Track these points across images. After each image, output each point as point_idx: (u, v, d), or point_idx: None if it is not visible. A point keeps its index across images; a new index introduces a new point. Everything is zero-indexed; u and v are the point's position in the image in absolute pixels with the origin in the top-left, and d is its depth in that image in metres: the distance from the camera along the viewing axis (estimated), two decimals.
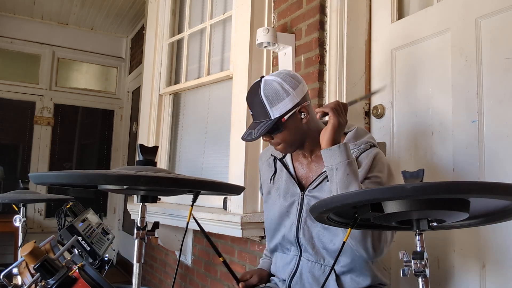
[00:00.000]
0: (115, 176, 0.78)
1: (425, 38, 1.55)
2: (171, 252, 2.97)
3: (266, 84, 1.19)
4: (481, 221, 0.86)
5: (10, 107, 4.44)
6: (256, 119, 1.22)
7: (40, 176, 0.81)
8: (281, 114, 1.17)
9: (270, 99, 1.17)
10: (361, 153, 1.20)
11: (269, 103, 1.17)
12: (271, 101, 1.17)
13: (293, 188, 1.30)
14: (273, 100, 1.17)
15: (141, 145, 0.97)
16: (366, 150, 1.21)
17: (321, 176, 1.24)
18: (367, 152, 1.20)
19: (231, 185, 1.11)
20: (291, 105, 1.18)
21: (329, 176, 1.11)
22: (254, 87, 1.22)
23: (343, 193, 1.02)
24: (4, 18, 4.38)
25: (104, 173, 0.79)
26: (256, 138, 1.19)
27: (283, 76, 1.20)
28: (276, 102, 1.17)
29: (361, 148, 1.21)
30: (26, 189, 1.95)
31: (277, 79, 1.19)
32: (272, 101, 1.17)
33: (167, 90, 2.68)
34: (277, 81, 1.18)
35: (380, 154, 1.21)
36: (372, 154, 1.19)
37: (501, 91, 1.31)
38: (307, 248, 1.25)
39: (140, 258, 0.92)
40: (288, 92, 1.17)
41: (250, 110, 1.24)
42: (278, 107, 1.17)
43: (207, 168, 2.40)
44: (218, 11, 2.42)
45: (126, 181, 0.78)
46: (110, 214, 4.92)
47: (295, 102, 1.18)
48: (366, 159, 1.19)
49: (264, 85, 1.19)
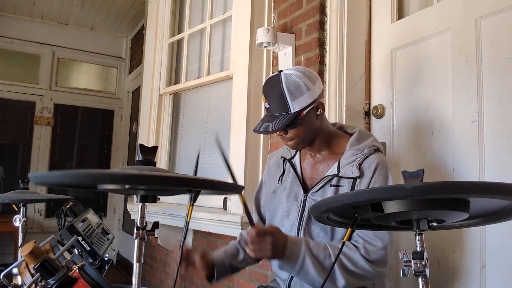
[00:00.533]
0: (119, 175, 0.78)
1: (425, 38, 1.55)
2: (171, 252, 2.97)
3: (287, 77, 1.17)
4: (481, 221, 0.86)
5: (10, 107, 4.44)
6: (272, 112, 1.20)
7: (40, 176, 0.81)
8: (301, 109, 1.17)
9: (292, 92, 1.16)
10: (364, 159, 1.20)
11: (290, 96, 1.16)
12: (293, 95, 1.16)
13: (297, 189, 1.30)
14: (295, 93, 1.16)
15: (141, 145, 0.97)
16: (370, 155, 1.20)
17: (324, 180, 1.23)
18: (370, 159, 1.19)
19: (231, 185, 1.11)
20: (310, 100, 1.18)
21: None
22: (273, 79, 1.20)
23: (343, 193, 1.02)
24: (4, 18, 4.38)
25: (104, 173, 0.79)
26: (274, 131, 1.18)
27: (302, 71, 1.20)
28: (297, 95, 1.16)
29: (364, 153, 1.20)
30: (26, 189, 1.95)
31: (297, 73, 1.18)
32: (294, 94, 1.16)
33: (167, 90, 2.68)
34: (298, 75, 1.17)
35: (382, 162, 1.20)
36: (375, 163, 1.18)
37: (501, 91, 1.31)
38: None
39: (140, 258, 0.91)
40: (308, 87, 1.17)
41: (266, 103, 1.21)
42: (299, 101, 1.16)
43: (207, 168, 2.40)
44: (218, 11, 2.42)
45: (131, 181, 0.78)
46: (110, 214, 4.92)
47: (314, 98, 1.19)
48: (368, 169, 1.18)
49: (286, 78, 1.17)
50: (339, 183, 1.21)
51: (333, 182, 1.22)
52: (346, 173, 1.20)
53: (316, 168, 1.30)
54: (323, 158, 1.29)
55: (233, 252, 1.34)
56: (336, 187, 1.21)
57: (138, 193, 0.94)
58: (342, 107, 1.69)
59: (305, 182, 1.31)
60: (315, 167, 1.30)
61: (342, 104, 1.69)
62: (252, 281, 2.02)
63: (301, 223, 1.26)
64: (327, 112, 1.71)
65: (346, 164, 1.21)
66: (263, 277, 1.93)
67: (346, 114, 1.68)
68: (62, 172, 0.75)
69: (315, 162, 1.31)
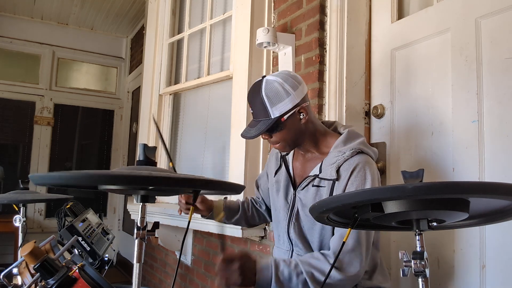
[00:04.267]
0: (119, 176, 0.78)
1: (425, 38, 1.55)
2: (171, 252, 2.97)
3: (267, 84, 1.21)
4: (481, 221, 0.86)
5: (10, 107, 4.44)
6: (256, 117, 1.24)
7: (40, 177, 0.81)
8: (281, 114, 1.20)
9: (271, 98, 1.19)
10: (344, 161, 1.20)
11: (269, 103, 1.19)
12: (272, 101, 1.19)
13: (288, 186, 1.35)
14: (273, 100, 1.19)
15: (145, 145, 0.97)
16: (351, 158, 1.19)
17: (308, 179, 1.27)
18: (350, 161, 1.19)
19: (231, 184, 1.11)
20: (291, 105, 1.20)
21: None
22: (255, 86, 1.24)
23: (343, 193, 1.02)
24: (4, 18, 4.38)
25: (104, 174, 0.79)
26: (255, 136, 1.22)
27: (284, 77, 1.22)
28: (276, 101, 1.19)
29: (345, 156, 1.20)
30: (26, 189, 1.95)
31: (278, 79, 1.21)
32: (273, 101, 1.19)
33: (167, 90, 2.68)
34: (278, 81, 1.20)
35: (362, 164, 1.18)
36: (353, 166, 1.18)
37: (501, 91, 1.31)
38: (297, 243, 1.30)
39: (140, 258, 0.91)
40: (289, 93, 1.20)
41: (250, 108, 1.26)
42: (278, 106, 1.19)
43: (207, 168, 2.40)
44: (218, 11, 2.42)
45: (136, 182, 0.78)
46: (110, 214, 4.92)
47: (295, 103, 1.21)
48: (345, 171, 1.18)
49: (266, 84, 1.21)
50: (320, 183, 1.23)
51: (315, 183, 1.25)
52: (325, 174, 1.22)
53: (305, 167, 1.34)
54: (311, 157, 1.33)
55: (233, 208, 1.50)
56: (317, 188, 1.24)
57: (138, 193, 0.94)
58: (342, 107, 1.69)
59: (295, 179, 1.36)
60: (305, 166, 1.34)
61: (342, 104, 1.69)
62: None
63: (291, 220, 1.31)
64: (327, 112, 1.71)
65: (327, 165, 1.23)
66: None
67: (346, 114, 1.68)
68: (62, 173, 0.76)
69: (305, 160, 1.35)
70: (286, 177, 1.36)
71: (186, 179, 0.83)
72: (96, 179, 0.78)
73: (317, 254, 1.17)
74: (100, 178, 0.79)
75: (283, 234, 1.35)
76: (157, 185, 0.83)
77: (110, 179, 0.79)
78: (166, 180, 0.80)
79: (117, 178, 0.78)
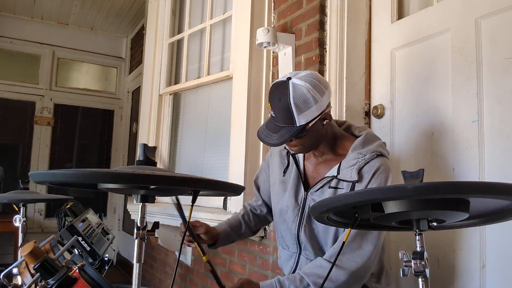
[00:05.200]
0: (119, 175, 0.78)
1: (425, 38, 1.55)
2: (171, 252, 2.97)
3: (295, 89, 1.13)
4: (481, 221, 0.86)
5: (10, 107, 4.44)
6: (277, 122, 1.17)
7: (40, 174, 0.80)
8: (307, 122, 1.14)
9: (299, 106, 1.12)
10: (365, 163, 1.17)
11: (297, 110, 1.12)
12: (300, 108, 1.12)
13: (299, 186, 1.30)
14: (302, 108, 1.12)
15: (145, 145, 0.97)
16: (372, 160, 1.17)
17: (324, 181, 1.23)
18: (371, 163, 1.17)
19: (231, 185, 1.11)
20: (317, 113, 1.14)
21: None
22: (280, 88, 1.15)
23: (343, 193, 1.02)
24: (4, 18, 4.38)
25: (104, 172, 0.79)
26: (278, 144, 1.17)
27: (311, 82, 1.14)
28: (304, 109, 1.12)
29: (365, 158, 1.18)
30: (26, 189, 1.95)
31: (306, 84, 1.13)
32: (301, 109, 1.12)
33: (167, 90, 2.68)
34: (306, 87, 1.13)
35: (383, 167, 1.17)
36: (374, 168, 1.16)
37: (501, 91, 1.31)
38: (307, 247, 1.26)
39: (140, 258, 0.91)
40: (316, 100, 1.13)
41: (271, 110, 1.18)
42: (305, 114, 1.13)
43: (207, 168, 2.40)
44: (218, 11, 2.42)
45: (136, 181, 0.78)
46: (110, 214, 4.92)
47: (321, 110, 1.16)
48: (367, 173, 1.17)
49: (294, 90, 1.13)
50: (338, 185, 1.20)
51: (332, 184, 1.21)
52: (345, 176, 1.19)
53: (318, 168, 1.30)
54: (326, 159, 1.29)
55: (236, 225, 1.46)
56: (335, 189, 1.21)
57: (138, 193, 0.94)
58: (342, 107, 1.69)
59: (307, 180, 1.31)
60: (318, 167, 1.30)
61: (342, 104, 1.69)
62: None
63: (301, 222, 1.27)
64: None
65: (346, 167, 1.20)
66: (263, 277, 1.94)
67: (346, 114, 1.68)
68: (62, 171, 0.75)
69: (318, 162, 1.31)
70: (297, 177, 1.30)
71: (186, 179, 0.83)
72: (96, 177, 0.78)
73: (320, 262, 1.15)
74: (100, 176, 0.79)
75: (291, 237, 1.30)
76: (158, 184, 0.83)
77: (109, 177, 0.79)
78: (166, 179, 0.80)
79: (117, 176, 0.78)
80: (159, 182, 0.80)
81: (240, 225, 1.46)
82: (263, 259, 1.94)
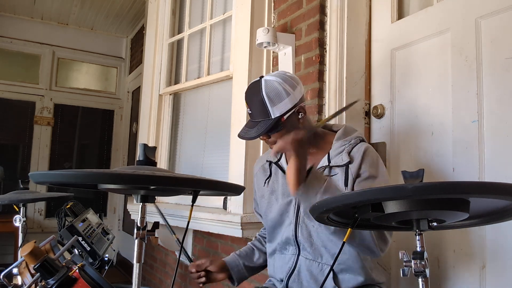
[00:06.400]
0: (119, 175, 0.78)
1: (425, 38, 1.55)
2: (171, 252, 2.97)
3: (267, 84, 1.21)
4: (481, 221, 0.86)
5: (10, 107, 4.44)
6: (254, 118, 1.23)
7: (40, 175, 0.80)
8: (281, 114, 1.19)
9: (272, 98, 1.19)
10: (352, 147, 1.24)
11: (270, 103, 1.19)
12: (272, 101, 1.19)
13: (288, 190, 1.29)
14: (274, 100, 1.19)
15: (145, 145, 0.97)
16: (357, 145, 1.25)
17: None
18: (357, 146, 1.24)
19: (231, 185, 1.12)
20: (290, 105, 1.20)
21: None
22: (253, 86, 1.24)
23: (343, 194, 1.02)
24: (4, 18, 4.38)
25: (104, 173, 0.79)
26: (256, 137, 1.21)
27: (282, 77, 1.23)
28: (277, 101, 1.19)
29: (351, 143, 1.25)
30: (26, 189, 1.95)
31: (277, 79, 1.21)
32: (273, 101, 1.19)
33: (167, 90, 2.68)
34: (277, 81, 1.21)
35: (370, 148, 1.25)
36: (362, 148, 1.23)
37: (501, 91, 1.31)
38: (305, 247, 1.26)
39: (140, 258, 0.92)
40: (288, 92, 1.20)
41: (248, 109, 1.25)
42: (278, 106, 1.19)
43: (207, 168, 2.40)
44: (218, 11, 2.42)
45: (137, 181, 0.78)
46: (110, 214, 4.92)
47: (294, 102, 1.21)
48: (357, 153, 1.23)
49: (265, 84, 1.21)
50: (331, 172, 1.24)
51: (325, 173, 1.24)
52: (337, 162, 1.23)
53: None
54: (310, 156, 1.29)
55: (247, 252, 1.47)
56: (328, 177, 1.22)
57: (138, 193, 0.95)
58: (342, 107, 1.69)
59: None
60: None
61: (342, 104, 1.69)
62: (252, 281, 2.02)
63: (297, 221, 1.28)
64: (327, 112, 1.71)
65: (335, 154, 1.25)
66: (263, 277, 1.93)
67: (346, 114, 1.68)
68: (62, 171, 0.76)
69: None
70: (284, 181, 1.31)
71: (186, 179, 0.83)
72: (95, 177, 0.78)
73: None
74: (100, 176, 0.79)
75: (288, 239, 1.29)
76: (158, 184, 0.83)
77: (109, 177, 0.79)
78: (167, 179, 0.80)
79: (117, 177, 0.78)
80: (159, 182, 0.80)
81: (252, 251, 1.47)
82: None
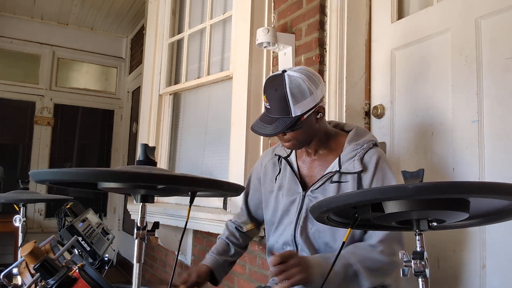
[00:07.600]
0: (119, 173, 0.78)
1: (425, 38, 1.55)
2: (171, 252, 2.97)
3: (291, 80, 1.15)
4: (481, 221, 0.86)
5: (10, 107, 4.44)
6: (272, 113, 1.17)
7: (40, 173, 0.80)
8: (302, 113, 1.15)
9: (295, 96, 1.14)
10: (364, 153, 1.21)
11: (293, 100, 1.14)
12: (296, 98, 1.14)
13: (295, 187, 1.29)
14: (298, 97, 1.14)
15: (145, 145, 0.97)
16: (369, 150, 1.21)
17: (325, 177, 1.23)
18: (370, 153, 1.21)
19: (231, 185, 1.11)
20: (312, 104, 1.16)
21: None
22: (276, 80, 1.17)
23: (344, 193, 1.02)
24: (4, 18, 4.38)
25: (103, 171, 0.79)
26: (273, 134, 1.17)
27: (306, 74, 1.17)
28: (300, 100, 1.14)
29: (364, 148, 1.22)
30: (26, 189, 1.95)
31: (301, 75, 1.15)
32: (297, 98, 1.14)
33: (167, 90, 2.68)
34: (302, 78, 1.15)
35: (382, 157, 1.21)
36: (375, 158, 1.19)
37: (501, 91, 1.31)
38: (303, 248, 1.25)
39: (140, 258, 0.91)
40: (312, 91, 1.15)
41: (266, 102, 1.19)
42: (301, 105, 1.14)
43: (207, 168, 2.40)
44: (218, 11, 2.42)
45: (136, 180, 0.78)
46: (110, 214, 4.92)
47: (316, 102, 1.18)
48: (370, 163, 1.19)
49: (289, 80, 1.14)
50: (341, 179, 1.21)
51: (335, 179, 1.21)
52: (348, 168, 1.20)
53: (313, 166, 1.30)
54: (320, 156, 1.29)
55: (224, 249, 1.42)
56: (338, 183, 1.21)
57: (139, 193, 0.94)
58: (342, 107, 1.69)
59: (302, 180, 1.31)
60: (313, 165, 1.30)
61: (342, 104, 1.69)
62: (252, 281, 2.02)
63: (298, 221, 1.25)
64: (327, 112, 1.71)
65: (347, 159, 1.21)
66: (263, 277, 1.93)
67: (346, 114, 1.68)
68: (63, 170, 0.75)
69: (312, 160, 1.30)
70: (293, 178, 1.30)
71: (186, 179, 0.83)
72: (96, 175, 0.78)
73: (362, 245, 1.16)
74: (100, 174, 0.79)
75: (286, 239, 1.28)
76: (157, 183, 0.83)
77: (110, 176, 0.79)
78: (166, 178, 0.80)
79: (118, 175, 0.78)
80: (157, 181, 0.80)
81: (228, 248, 1.42)
82: (263, 259, 1.94)
